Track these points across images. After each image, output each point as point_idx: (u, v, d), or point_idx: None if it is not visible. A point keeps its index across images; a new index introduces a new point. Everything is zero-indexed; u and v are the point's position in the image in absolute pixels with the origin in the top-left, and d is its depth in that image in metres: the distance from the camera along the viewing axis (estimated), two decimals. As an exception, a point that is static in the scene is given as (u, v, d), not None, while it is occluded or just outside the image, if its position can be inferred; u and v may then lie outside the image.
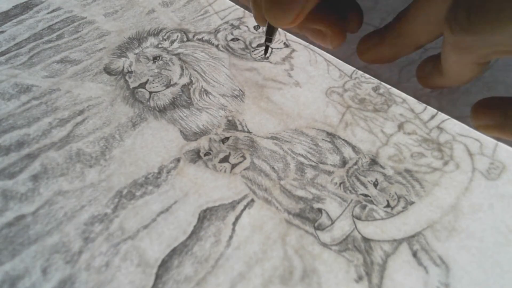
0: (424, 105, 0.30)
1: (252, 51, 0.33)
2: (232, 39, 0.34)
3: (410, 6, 0.25)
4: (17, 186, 0.25)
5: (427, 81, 0.28)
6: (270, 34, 0.28)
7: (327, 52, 0.33)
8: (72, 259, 0.22)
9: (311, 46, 0.34)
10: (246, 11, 0.37)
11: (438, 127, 0.28)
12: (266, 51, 0.30)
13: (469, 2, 0.20)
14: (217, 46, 0.34)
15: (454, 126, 0.28)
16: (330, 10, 0.27)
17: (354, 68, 0.32)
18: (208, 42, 0.34)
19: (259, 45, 0.34)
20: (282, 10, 0.23)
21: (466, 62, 0.24)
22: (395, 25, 0.27)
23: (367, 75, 0.31)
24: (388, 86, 0.31)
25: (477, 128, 0.25)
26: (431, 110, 0.29)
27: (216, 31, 0.35)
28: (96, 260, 0.22)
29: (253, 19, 0.36)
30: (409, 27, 0.26)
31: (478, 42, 0.21)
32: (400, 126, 0.28)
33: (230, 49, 0.34)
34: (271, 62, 0.32)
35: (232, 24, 0.35)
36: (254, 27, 0.35)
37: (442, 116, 0.29)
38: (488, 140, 0.27)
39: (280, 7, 0.23)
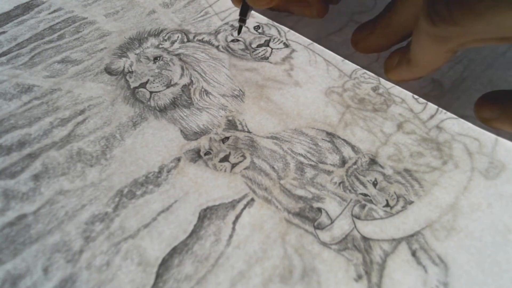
0: (423, 105, 0.30)
1: (252, 52, 0.33)
2: (232, 40, 0.34)
3: (412, 40, 0.25)
4: (19, 186, 0.25)
5: (395, 73, 0.29)
6: (243, 14, 0.30)
7: (329, 49, 0.33)
8: (73, 258, 0.22)
9: (311, 47, 0.34)
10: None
11: (437, 126, 0.28)
12: (239, 31, 0.32)
13: None
14: (217, 47, 0.34)
15: (453, 125, 0.28)
16: None
17: (354, 68, 0.32)
18: (209, 43, 0.34)
19: (259, 46, 0.34)
20: None
21: (441, 51, 0.24)
22: (384, 15, 0.27)
23: (366, 75, 0.32)
24: (388, 86, 0.31)
25: (480, 121, 0.26)
26: (430, 110, 0.29)
27: (216, 32, 0.35)
28: (97, 259, 0.22)
29: (253, 19, 0.36)
30: (397, 17, 0.26)
31: (459, 32, 0.21)
32: (399, 126, 0.28)
33: (230, 50, 0.34)
34: (271, 62, 0.33)
35: (232, 25, 0.35)
36: (254, 27, 0.35)
37: (441, 115, 0.29)
38: (487, 140, 0.27)
39: None
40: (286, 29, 0.35)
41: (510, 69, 0.32)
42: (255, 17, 0.36)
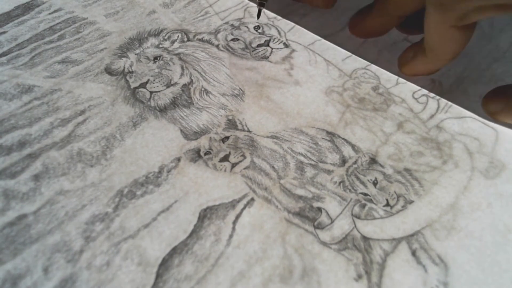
0: (423, 104, 0.30)
1: (252, 51, 0.33)
2: (232, 39, 0.34)
3: (424, 23, 0.26)
4: (19, 186, 0.25)
5: (410, 67, 0.29)
6: None
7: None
8: (73, 258, 0.22)
9: (311, 47, 0.34)
10: (246, 12, 0.37)
11: (437, 126, 0.28)
12: (258, 15, 0.33)
13: None
14: (217, 46, 0.34)
15: (453, 125, 0.28)
16: None
17: (354, 68, 0.32)
18: (209, 42, 0.34)
19: (259, 45, 0.34)
20: None
21: (448, 25, 0.24)
22: (423, 42, 0.27)
23: (366, 75, 0.32)
24: (388, 86, 0.31)
25: (487, 114, 0.28)
26: (430, 110, 0.29)
27: (216, 32, 0.35)
28: (97, 259, 0.22)
29: (253, 19, 0.36)
30: (431, 44, 0.26)
31: None
32: (400, 125, 0.28)
33: (230, 49, 0.34)
34: (271, 62, 0.33)
35: (232, 25, 0.35)
36: (254, 27, 0.35)
37: (441, 115, 0.29)
38: (487, 139, 0.27)
39: None
40: (286, 29, 0.35)
41: (511, 67, 0.32)
42: (255, 17, 0.36)
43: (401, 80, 0.31)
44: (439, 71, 0.29)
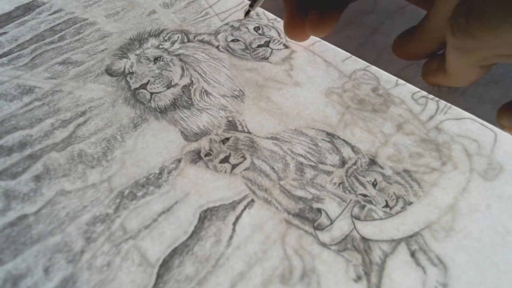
0: (423, 106, 0.30)
1: (252, 52, 0.33)
2: (232, 40, 0.34)
3: (432, 5, 0.26)
4: (20, 186, 0.25)
5: (432, 78, 0.29)
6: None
7: (328, 52, 0.33)
8: (74, 258, 0.22)
9: (311, 47, 0.34)
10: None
11: (436, 127, 0.28)
12: (247, 14, 0.33)
13: (469, 6, 0.20)
14: (217, 47, 0.34)
15: (452, 126, 0.28)
16: None
17: (353, 69, 0.32)
18: (209, 43, 0.34)
19: (259, 46, 0.34)
20: None
21: (467, 64, 0.24)
22: (422, 22, 0.28)
23: (366, 76, 0.32)
24: (387, 87, 0.31)
25: (503, 128, 0.27)
26: (429, 111, 0.29)
27: (217, 32, 0.35)
28: (97, 260, 0.22)
29: (252, 21, 0.36)
30: (430, 23, 0.26)
31: (477, 45, 0.21)
32: (399, 127, 0.28)
33: (230, 50, 0.34)
34: (271, 63, 0.33)
35: (232, 26, 0.36)
36: (254, 28, 0.35)
37: (440, 116, 0.29)
38: (486, 141, 0.28)
39: None
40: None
41: (511, 69, 0.32)
42: (257, 17, 0.36)
43: (400, 81, 0.31)
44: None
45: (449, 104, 0.30)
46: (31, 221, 0.23)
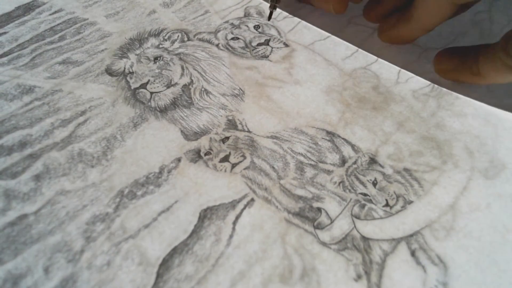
0: (423, 103, 0.30)
1: (252, 50, 0.33)
2: (232, 38, 0.34)
3: None
4: (20, 186, 0.25)
5: (390, 34, 0.31)
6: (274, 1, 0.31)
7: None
8: (74, 258, 0.22)
9: (311, 46, 0.34)
10: (246, 11, 0.37)
11: (437, 124, 0.28)
12: (270, 16, 0.32)
13: None
14: (217, 45, 0.34)
15: (453, 123, 0.28)
16: None
17: (354, 67, 0.32)
18: (208, 41, 0.34)
19: (259, 44, 0.34)
20: None
21: (448, 1, 0.26)
22: (409, 9, 0.29)
23: (366, 74, 0.32)
24: (388, 85, 0.31)
25: (437, 72, 0.30)
26: (430, 108, 0.29)
27: (216, 31, 0.35)
28: (97, 259, 0.22)
29: (252, 19, 0.36)
30: (420, 11, 0.28)
31: None
32: (400, 124, 0.28)
33: (230, 48, 0.34)
34: (271, 61, 0.33)
35: (232, 24, 0.35)
36: (254, 26, 0.35)
37: (441, 113, 0.29)
38: (487, 137, 0.27)
39: None
40: (286, 30, 0.35)
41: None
42: (257, 15, 0.36)
43: (401, 79, 0.31)
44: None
45: (450, 101, 0.30)
46: (31, 220, 0.23)
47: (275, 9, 0.31)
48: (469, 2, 0.25)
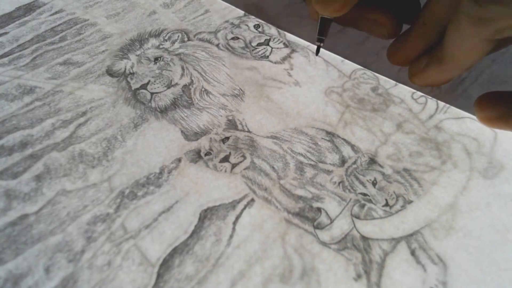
0: (422, 105, 0.30)
1: (252, 50, 0.34)
2: (232, 38, 0.34)
3: (448, 31, 0.25)
4: (21, 186, 0.25)
5: (422, 76, 0.28)
6: (321, 34, 0.27)
7: (331, 52, 0.33)
8: (75, 258, 0.22)
9: (311, 47, 0.34)
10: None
11: (436, 126, 0.28)
12: (317, 51, 0.29)
13: None
14: (217, 45, 0.34)
15: (452, 125, 0.28)
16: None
17: (353, 69, 0.32)
18: (209, 41, 0.34)
19: (259, 44, 0.34)
20: None
21: (481, 37, 0.23)
22: (439, 48, 0.26)
23: (365, 76, 0.32)
24: (387, 87, 0.31)
25: (481, 120, 0.25)
26: (429, 110, 0.29)
27: (217, 31, 0.35)
28: (98, 259, 0.22)
29: (253, 18, 0.36)
30: (451, 50, 0.25)
31: (502, 12, 0.21)
32: (399, 126, 0.28)
33: (230, 48, 0.34)
34: (271, 61, 0.33)
35: (232, 23, 0.36)
36: (255, 26, 0.35)
37: (440, 115, 0.29)
38: (486, 140, 0.28)
39: None
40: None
41: (510, 68, 0.32)
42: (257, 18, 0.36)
43: (400, 81, 0.31)
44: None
45: (448, 103, 0.30)
46: (32, 220, 0.24)
47: (322, 42, 0.29)
48: (510, 37, 0.23)
